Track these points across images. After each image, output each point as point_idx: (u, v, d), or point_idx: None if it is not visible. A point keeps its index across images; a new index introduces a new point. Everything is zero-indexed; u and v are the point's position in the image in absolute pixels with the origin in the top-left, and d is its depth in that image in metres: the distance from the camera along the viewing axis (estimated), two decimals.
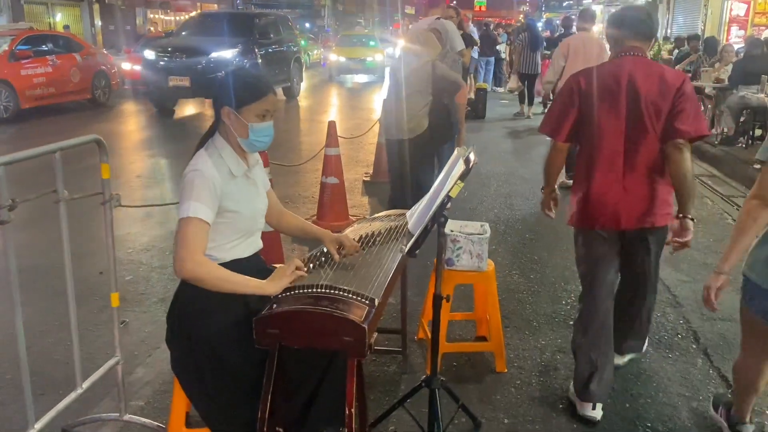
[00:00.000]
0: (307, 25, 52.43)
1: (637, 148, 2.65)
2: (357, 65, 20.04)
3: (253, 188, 2.28)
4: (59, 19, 25.00)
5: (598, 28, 14.33)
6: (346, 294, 2.13)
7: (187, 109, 13.29)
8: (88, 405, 2.66)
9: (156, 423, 2.52)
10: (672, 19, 22.25)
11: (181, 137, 9.82)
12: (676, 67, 12.21)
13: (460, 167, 2.13)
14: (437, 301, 2.39)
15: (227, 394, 2.22)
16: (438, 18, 6.56)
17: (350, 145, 8.48)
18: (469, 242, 3.01)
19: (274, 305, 2.09)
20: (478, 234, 3.05)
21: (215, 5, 40.61)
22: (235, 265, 2.24)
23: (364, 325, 1.99)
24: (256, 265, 2.31)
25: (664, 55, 14.52)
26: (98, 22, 27.19)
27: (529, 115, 12.00)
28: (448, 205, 2.20)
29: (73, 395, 2.27)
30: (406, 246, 2.22)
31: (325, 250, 2.44)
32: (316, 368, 2.22)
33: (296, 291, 2.16)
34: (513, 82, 12.87)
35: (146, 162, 8.18)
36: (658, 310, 3.87)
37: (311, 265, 2.36)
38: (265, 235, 2.35)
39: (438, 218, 2.26)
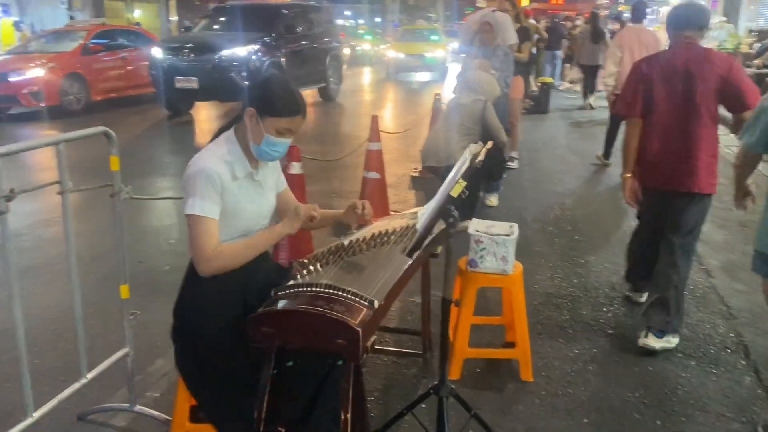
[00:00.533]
0: (378, 19, 52.60)
1: (689, 122, 3.14)
2: (416, 61, 18.78)
3: (258, 190, 2.25)
4: (137, 14, 25.99)
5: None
6: (345, 294, 2.05)
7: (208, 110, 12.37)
8: (110, 393, 2.70)
9: (164, 416, 2.52)
10: (757, 11, 21.01)
11: None
12: (755, 61, 11.52)
13: (466, 165, 2.01)
14: (445, 305, 2.28)
15: (228, 391, 2.19)
16: (493, 10, 6.37)
17: (403, 140, 8.40)
18: (493, 243, 2.87)
19: (271, 303, 2.05)
20: (504, 235, 2.91)
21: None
22: None
23: (357, 329, 1.90)
24: (257, 265, 2.25)
25: (744, 48, 13.67)
26: (174, 18, 28.10)
27: (592, 105, 11.64)
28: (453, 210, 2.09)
29: (76, 385, 2.29)
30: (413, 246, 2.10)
31: (332, 247, 2.38)
32: (318, 370, 2.16)
33: (296, 289, 2.10)
34: (573, 73, 12.52)
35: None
36: (707, 321, 3.62)
37: (318, 264, 2.29)
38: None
39: (446, 217, 2.15)
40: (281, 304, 2.03)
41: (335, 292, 2.06)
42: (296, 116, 2.14)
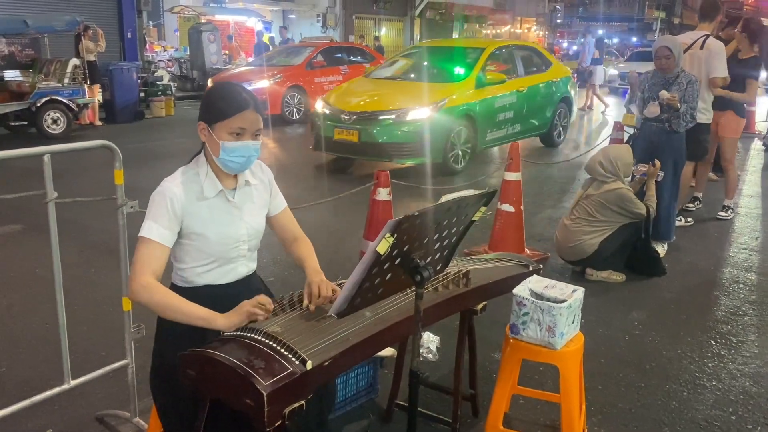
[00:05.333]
0: (634, 39, 49.42)
1: None
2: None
3: (234, 212, 2.09)
4: (383, 32, 27.62)
5: None
6: (277, 347, 1.82)
7: None
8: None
9: None
10: None
11: None
12: None
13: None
14: (412, 379, 1.91)
15: (187, 423, 2.09)
16: (706, 36, 5.42)
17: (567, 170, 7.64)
18: (537, 309, 2.37)
19: (208, 343, 1.89)
20: (555, 301, 2.39)
21: (532, 19, 40.76)
22: (208, 291, 2.11)
23: (263, 392, 1.66)
24: (240, 293, 2.10)
25: None
26: (417, 36, 29.33)
27: None
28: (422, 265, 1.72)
29: (56, 390, 2.36)
30: (339, 305, 1.78)
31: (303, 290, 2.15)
32: None
33: (239, 332, 1.92)
34: None
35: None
36: None
37: (287, 306, 2.08)
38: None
39: (414, 273, 1.80)
40: (212, 346, 1.86)
41: (270, 343, 1.84)
42: (243, 111, 1.96)
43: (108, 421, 2.62)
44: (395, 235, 1.60)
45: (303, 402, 1.78)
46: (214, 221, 2.04)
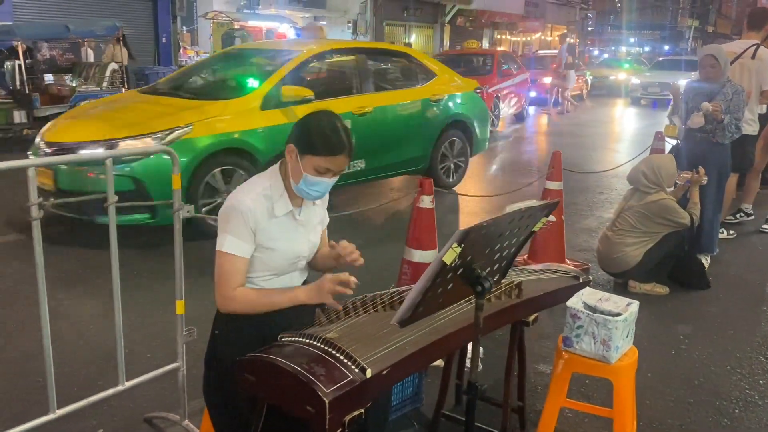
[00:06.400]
0: (666, 47, 48.74)
1: None
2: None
3: (300, 229, 2.14)
4: (413, 39, 27.67)
5: None
6: (337, 355, 1.82)
7: None
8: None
9: None
10: None
11: None
12: None
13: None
14: (471, 391, 1.88)
15: (242, 429, 2.10)
16: (757, 46, 5.31)
17: (611, 180, 7.55)
18: (593, 322, 2.33)
19: (267, 349, 1.89)
20: (610, 315, 2.35)
21: (563, 26, 40.47)
22: None
23: (324, 399, 1.66)
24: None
25: None
26: (447, 43, 29.32)
27: None
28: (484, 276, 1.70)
29: (110, 391, 2.38)
30: (403, 313, 1.77)
31: (368, 296, 2.16)
32: None
33: (296, 338, 1.93)
34: None
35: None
36: None
37: (341, 313, 2.08)
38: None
39: (474, 284, 1.78)
40: (270, 352, 1.87)
41: (329, 349, 1.85)
42: (338, 156, 2.00)
43: (156, 423, 2.64)
44: (462, 245, 1.59)
45: (362, 410, 1.78)
46: (281, 238, 2.08)
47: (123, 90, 10.69)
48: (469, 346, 3.35)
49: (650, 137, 5.90)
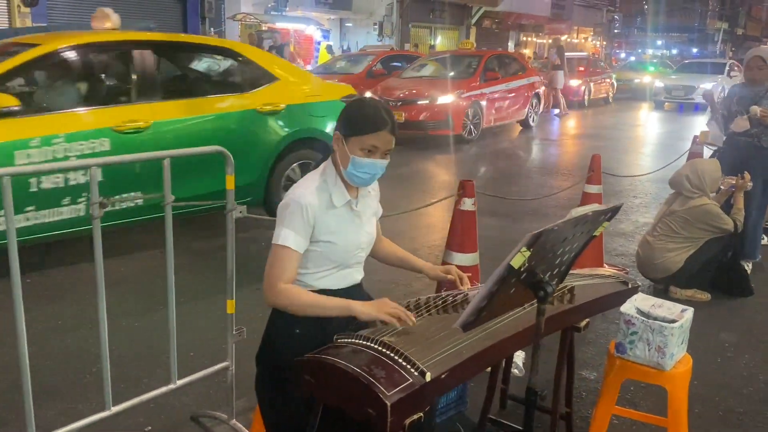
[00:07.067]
0: (694, 50, 48.09)
1: None
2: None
3: (356, 220, 2.13)
4: (438, 41, 27.63)
5: None
6: (395, 357, 1.81)
7: None
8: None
9: None
10: None
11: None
12: None
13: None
14: (530, 396, 1.86)
15: (294, 428, 2.10)
16: None
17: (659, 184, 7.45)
18: (648, 329, 2.30)
19: (324, 349, 1.89)
20: (664, 321, 2.31)
21: (590, 29, 40.15)
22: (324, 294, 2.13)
23: (386, 402, 1.65)
24: (352, 298, 2.12)
25: None
26: (473, 45, 29.20)
27: None
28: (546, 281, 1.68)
29: (163, 389, 2.40)
30: (467, 317, 1.75)
31: (421, 299, 2.15)
32: None
33: (353, 339, 1.93)
34: None
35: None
36: None
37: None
38: None
39: (537, 289, 1.76)
40: (328, 353, 1.86)
41: (387, 352, 1.83)
42: (380, 131, 2.00)
43: (203, 422, 2.66)
44: (531, 249, 1.57)
45: (422, 414, 1.76)
46: (340, 229, 2.08)
47: None
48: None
49: (680, 141, 5.84)
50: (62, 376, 3.08)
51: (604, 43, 42.94)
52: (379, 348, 1.85)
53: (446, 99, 10.77)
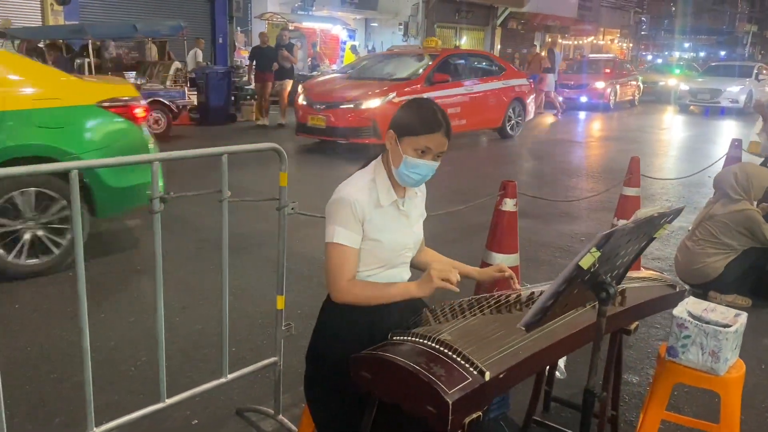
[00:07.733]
0: (722, 53, 47.37)
1: None
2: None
3: (403, 220, 2.13)
4: (464, 41, 27.55)
5: None
6: (454, 356, 1.81)
7: None
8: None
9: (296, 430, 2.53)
10: None
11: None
12: None
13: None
14: (587, 398, 1.85)
15: (346, 424, 2.11)
16: None
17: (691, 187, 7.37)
18: (701, 333, 2.27)
19: (380, 347, 1.90)
20: (721, 325, 2.28)
21: (616, 30, 39.76)
22: None
23: (448, 400, 1.65)
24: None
25: None
26: (498, 46, 29.10)
27: None
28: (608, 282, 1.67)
29: (215, 382, 2.42)
30: (531, 317, 1.74)
31: (474, 299, 2.14)
32: None
33: (410, 337, 1.93)
34: None
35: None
36: None
37: (449, 314, 2.07)
38: None
39: (599, 290, 1.75)
40: (386, 350, 1.87)
41: (445, 350, 1.83)
42: (434, 133, 2.00)
43: (249, 417, 2.68)
44: (601, 250, 1.56)
45: (480, 413, 1.76)
46: (387, 228, 2.08)
47: (185, 88, 10.94)
48: None
49: (707, 144, 5.75)
50: (105, 369, 3.12)
51: (631, 45, 42.49)
52: (437, 346, 1.85)
53: (372, 103, 9.29)
